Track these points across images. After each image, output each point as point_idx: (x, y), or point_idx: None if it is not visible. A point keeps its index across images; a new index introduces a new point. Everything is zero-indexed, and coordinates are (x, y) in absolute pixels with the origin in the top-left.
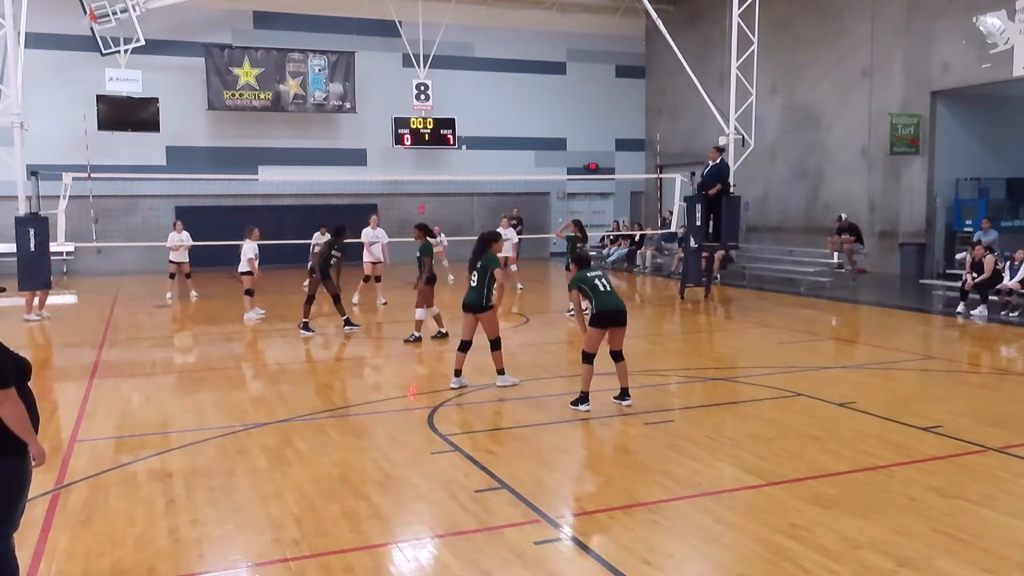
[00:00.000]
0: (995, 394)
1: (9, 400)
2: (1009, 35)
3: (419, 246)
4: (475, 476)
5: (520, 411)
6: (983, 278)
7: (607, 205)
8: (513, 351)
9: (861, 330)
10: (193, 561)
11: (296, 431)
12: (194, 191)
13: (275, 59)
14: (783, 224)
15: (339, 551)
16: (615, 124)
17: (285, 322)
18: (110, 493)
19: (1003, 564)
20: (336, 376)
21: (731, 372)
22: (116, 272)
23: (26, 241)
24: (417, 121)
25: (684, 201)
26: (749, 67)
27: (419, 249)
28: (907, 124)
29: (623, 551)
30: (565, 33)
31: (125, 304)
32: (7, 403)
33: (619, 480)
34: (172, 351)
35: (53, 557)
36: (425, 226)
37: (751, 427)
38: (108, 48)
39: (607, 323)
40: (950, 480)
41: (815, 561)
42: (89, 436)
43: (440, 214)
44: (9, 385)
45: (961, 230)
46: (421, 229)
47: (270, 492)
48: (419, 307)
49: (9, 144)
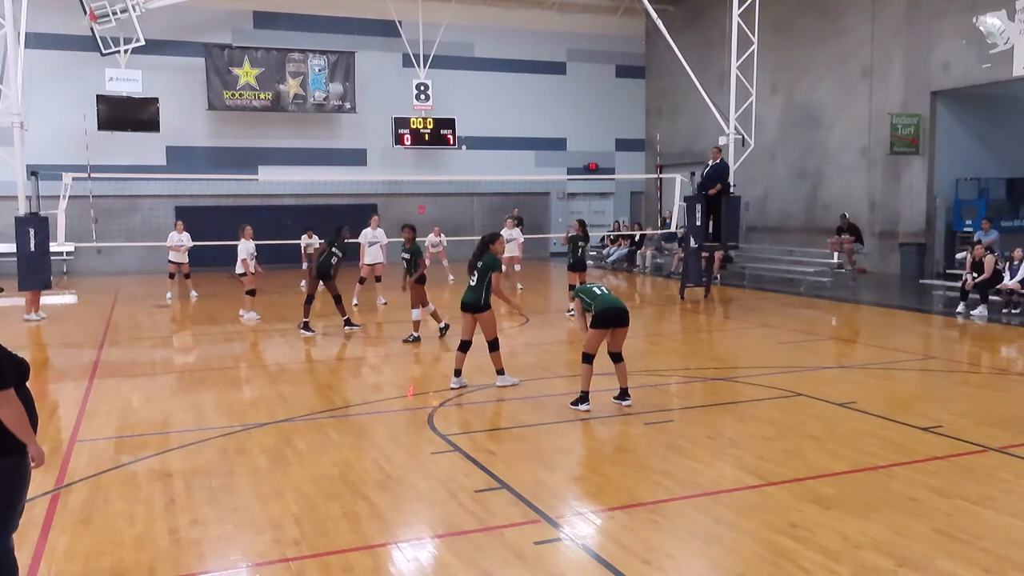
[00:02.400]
0: (995, 394)
1: (8, 401)
2: (1009, 35)
3: (410, 247)
4: (475, 476)
5: (520, 411)
6: (983, 278)
7: (607, 205)
8: (514, 351)
9: (861, 330)
10: (193, 561)
11: (296, 431)
12: (194, 191)
13: (275, 59)
14: (783, 224)
15: (339, 551)
16: (615, 124)
17: (285, 322)
18: (110, 493)
19: (1003, 564)
20: (336, 376)
21: (731, 372)
22: (116, 272)
23: (26, 241)
24: (417, 121)
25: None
26: (749, 67)
27: (409, 250)
28: (907, 124)
29: (623, 551)
30: (565, 33)
31: (125, 304)
32: (6, 404)
33: (619, 480)
34: (172, 351)
35: (53, 557)
36: (414, 227)
37: (751, 427)
38: (108, 48)
39: (609, 323)
40: (950, 480)
41: (815, 561)
42: (89, 436)
43: (440, 214)
44: (8, 386)
45: (961, 230)
46: (411, 230)
47: (270, 492)
48: (414, 307)
49: (9, 144)
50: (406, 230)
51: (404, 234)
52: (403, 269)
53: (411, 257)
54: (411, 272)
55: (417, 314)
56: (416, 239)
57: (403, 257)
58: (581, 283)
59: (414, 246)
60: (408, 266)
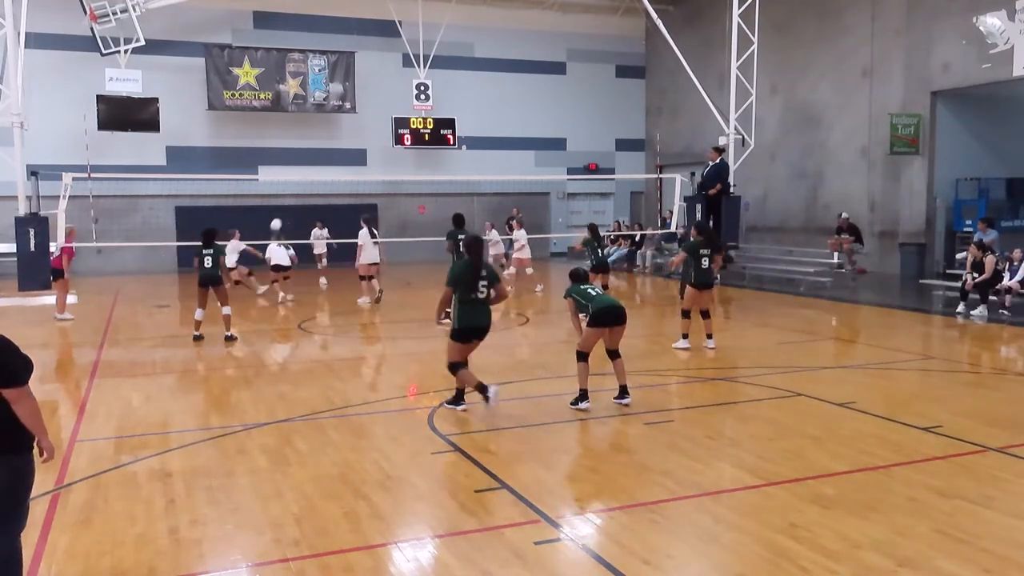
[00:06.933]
0: (995, 394)
1: (26, 397)
2: (1009, 35)
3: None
4: (475, 476)
5: (520, 411)
6: (983, 278)
7: (607, 205)
8: (514, 351)
9: (861, 330)
10: (193, 561)
11: (296, 431)
12: (194, 191)
13: (275, 59)
14: (783, 224)
15: (339, 551)
16: (615, 124)
17: (285, 322)
18: (110, 493)
19: (1003, 564)
20: (336, 376)
21: (731, 372)
22: (116, 272)
23: (26, 241)
24: (417, 121)
25: (684, 201)
26: (749, 67)
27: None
28: (907, 124)
29: (623, 551)
30: (565, 33)
31: (125, 304)
32: (25, 399)
33: (619, 480)
34: (172, 351)
35: (53, 557)
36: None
37: (751, 427)
38: (108, 48)
39: (606, 322)
40: (950, 480)
41: (815, 561)
42: (89, 436)
43: (440, 214)
44: (25, 382)
45: (961, 230)
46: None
47: (270, 492)
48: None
49: (9, 144)
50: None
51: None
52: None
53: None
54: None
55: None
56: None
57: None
58: (604, 285)
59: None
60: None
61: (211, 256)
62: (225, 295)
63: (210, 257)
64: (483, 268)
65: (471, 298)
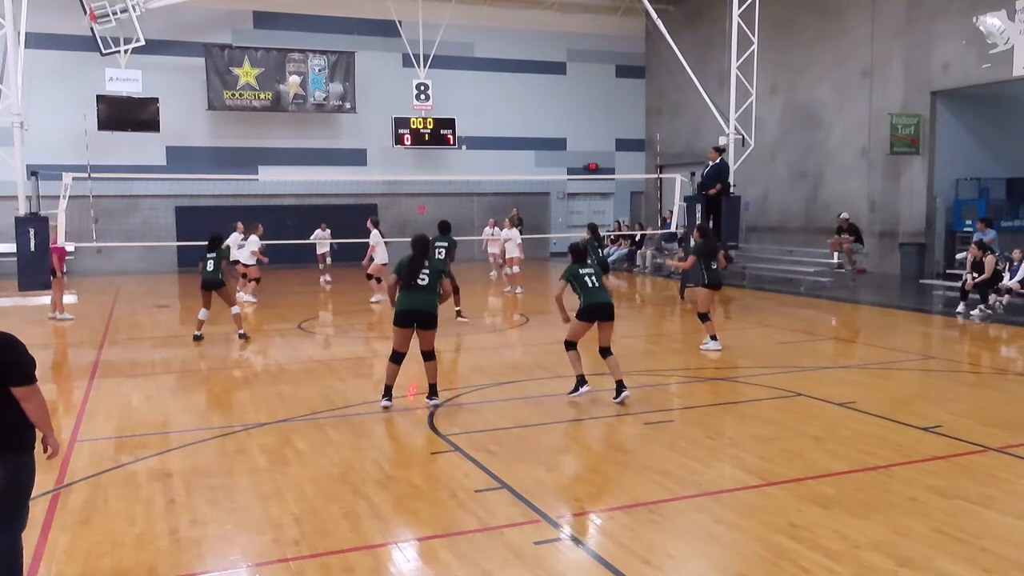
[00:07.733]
0: (995, 394)
1: (35, 394)
2: (1009, 35)
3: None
4: (475, 476)
5: (520, 411)
6: (983, 278)
7: (607, 205)
8: (514, 351)
9: (861, 330)
10: (193, 561)
11: (296, 431)
12: (194, 191)
13: (275, 59)
14: (783, 224)
15: (339, 551)
16: (615, 124)
17: (285, 322)
18: (110, 493)
19: (1003, 564)
20: (336, 376)
21: (731, 372)
22: (116, 272)
23: (26, 241)
24: (417, 121)
25: (684, 201)
26: (749, 67)
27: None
28: (907, 124)
29: (623, 551)
30: (565, 33)
31: (125, 304)
32: (34, 397)
33: (619, 480)
34: (172, 351)
35: (53, 557)
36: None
37: (751, 427)
38: (108, 48)
39: (594, 317)
40: (950, 480)
41: (815, 561)
42: (89, 436)
43: (440, 214)
44: (34, 380)
45: (961, 230)
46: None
47: (270, 492)
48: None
49: (9, 144)
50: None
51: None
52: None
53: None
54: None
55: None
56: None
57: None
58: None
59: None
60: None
61: (214, 260)
62: (229, 296)
63: (213, 261)
64: (425, 260)
65: (409, 284)
